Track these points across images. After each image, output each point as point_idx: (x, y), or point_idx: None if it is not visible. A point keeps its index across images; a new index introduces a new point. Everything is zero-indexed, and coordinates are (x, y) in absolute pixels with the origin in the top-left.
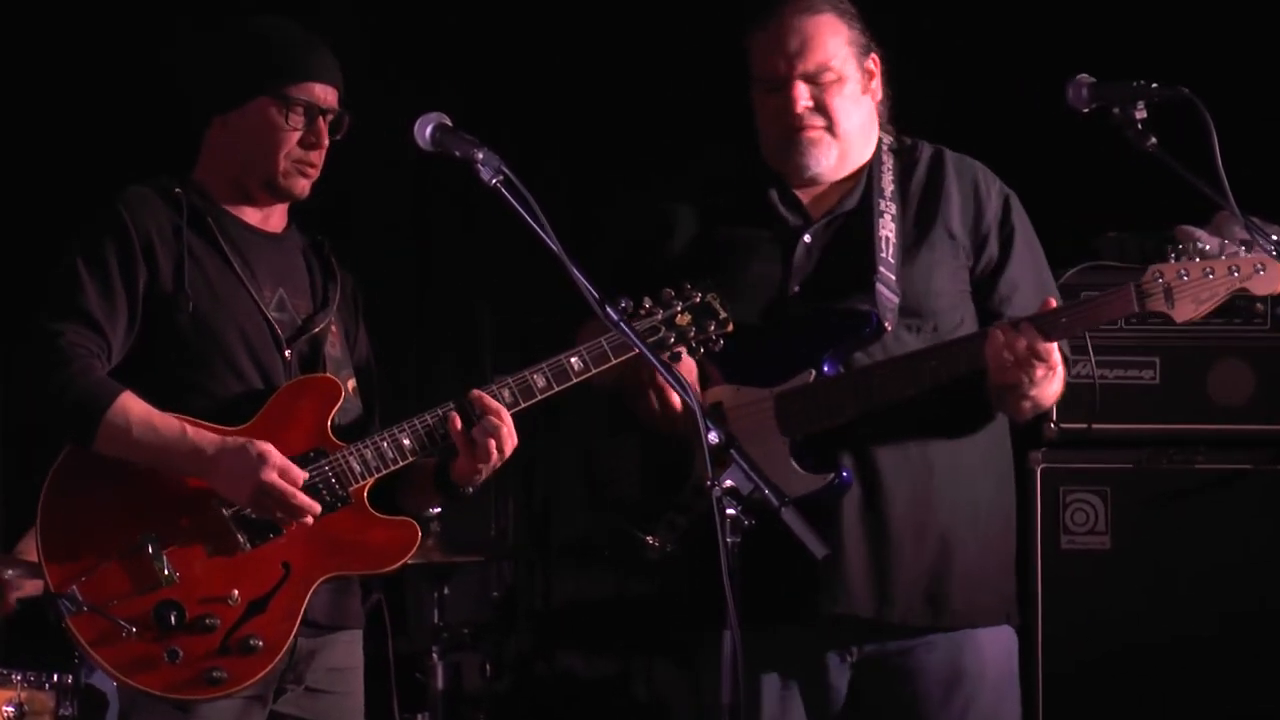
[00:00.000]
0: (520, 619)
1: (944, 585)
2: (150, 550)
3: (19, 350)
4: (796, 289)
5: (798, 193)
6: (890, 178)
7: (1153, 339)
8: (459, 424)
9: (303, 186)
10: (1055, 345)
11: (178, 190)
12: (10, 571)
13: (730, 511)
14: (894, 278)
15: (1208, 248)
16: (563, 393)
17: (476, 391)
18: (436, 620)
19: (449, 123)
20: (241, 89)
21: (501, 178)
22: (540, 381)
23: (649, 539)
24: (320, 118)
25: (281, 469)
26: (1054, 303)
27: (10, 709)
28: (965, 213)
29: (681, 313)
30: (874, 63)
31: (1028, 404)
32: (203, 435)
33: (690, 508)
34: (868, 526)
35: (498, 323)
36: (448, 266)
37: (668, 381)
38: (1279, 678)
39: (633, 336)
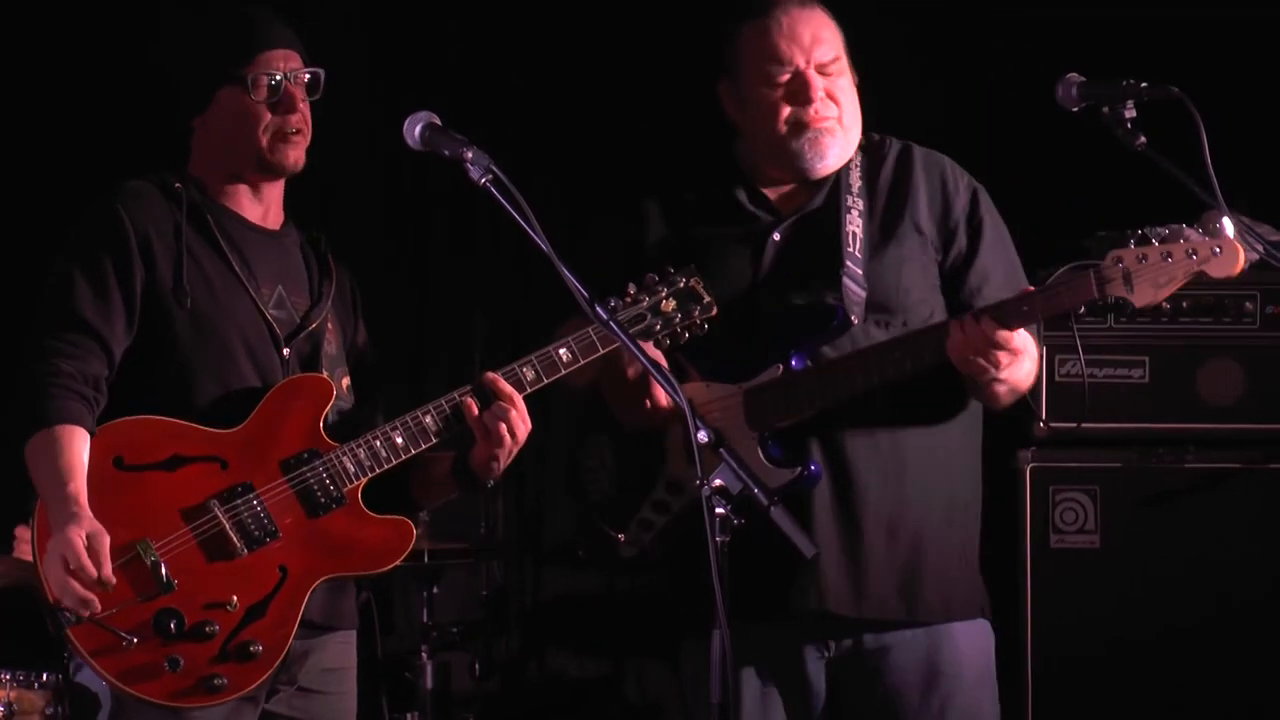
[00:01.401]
0: (510, 618)
1: (918, 578)
2: (148, 558)
3: (19, 358)
4: (766, 286)
5: (766, 191)
6: (858, 174)
7: (1142, 338)
8: (475, 409)
9: (293, 156)
10: (1017, 332)
11: (178, 185)
12: None
13: (719, 510)
14: (861, 272)
15: (1167, 232)
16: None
17: (490, 374)
18: (425, 619)
19: (438, 122)
20: (205, 86)
21: (491, 177)
22: (530, 374)
23: (619, 536)
24: (286, 83)
25: (90, 533)
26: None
27: None
28: (933, 207)
29: (666, 298)
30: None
31: (1001, 389)
32: (70, 508)
33: (665, 506)
34: (840, 521)
35: (490, 331)
36: (442, 275)
37: (657, 379)
38: (1268, 676)
39: (622, 335)
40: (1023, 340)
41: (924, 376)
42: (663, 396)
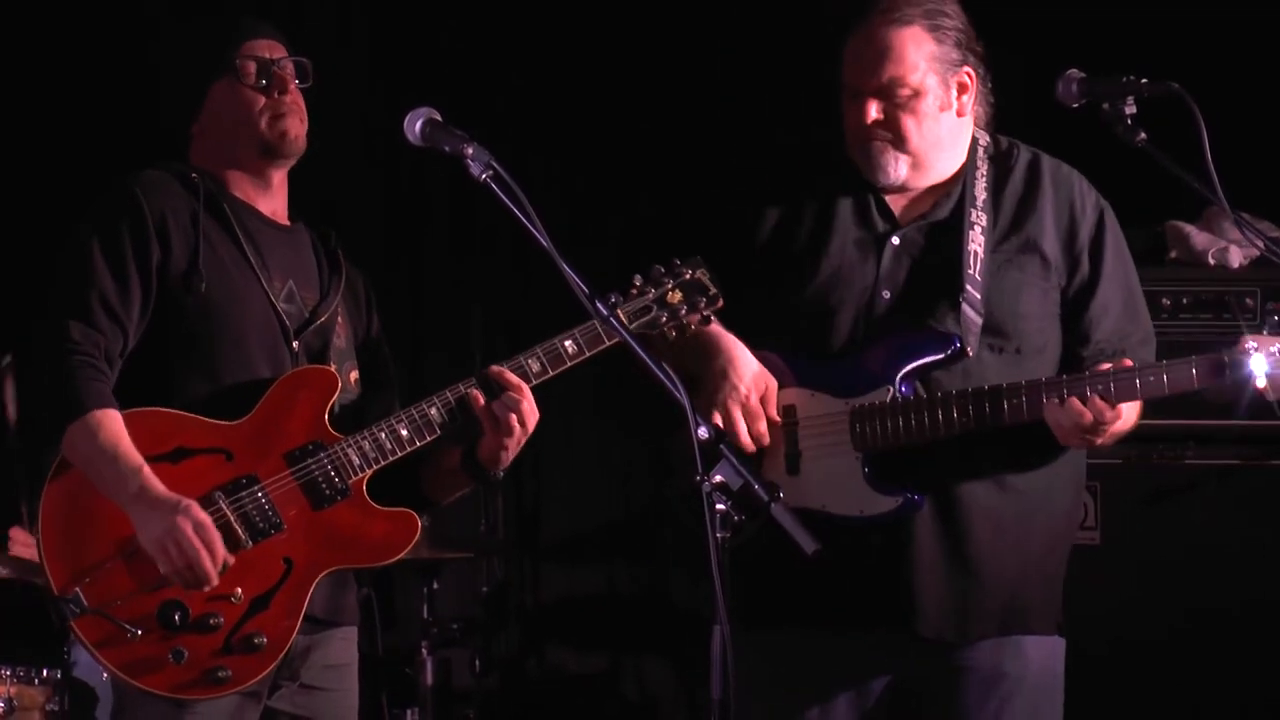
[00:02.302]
0: (510, 615)
1: (1010, 603)
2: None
3: (34, 345)
4: (885, 295)
5: (889, 198)
6: (984, 185)
7: None
8: (481, 400)
9: (294, 131)
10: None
11: (194, 175)
12: None
13: (720, 507)
14: (979, 296)
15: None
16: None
17: (495, 367)
18: (426, 616)
19: (439, 117)
20: (196, 86)
21: (491, 172)
22: (535, 366)
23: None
24: (273, 67)
25: (198, 524)
26: (1128, 361)
27: (0, 704)
28: (1059, 229)
29: (673, 289)
30: (968, 76)
31: (1104, 442)
32: (153, 484)
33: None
34: (945, 549)
35: (489, 325)
36: (440, 269)
37: (656, 373)
38: (1269, 671)
39: (623, 331)
40: (1123, 409)
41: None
42: (764, 434)
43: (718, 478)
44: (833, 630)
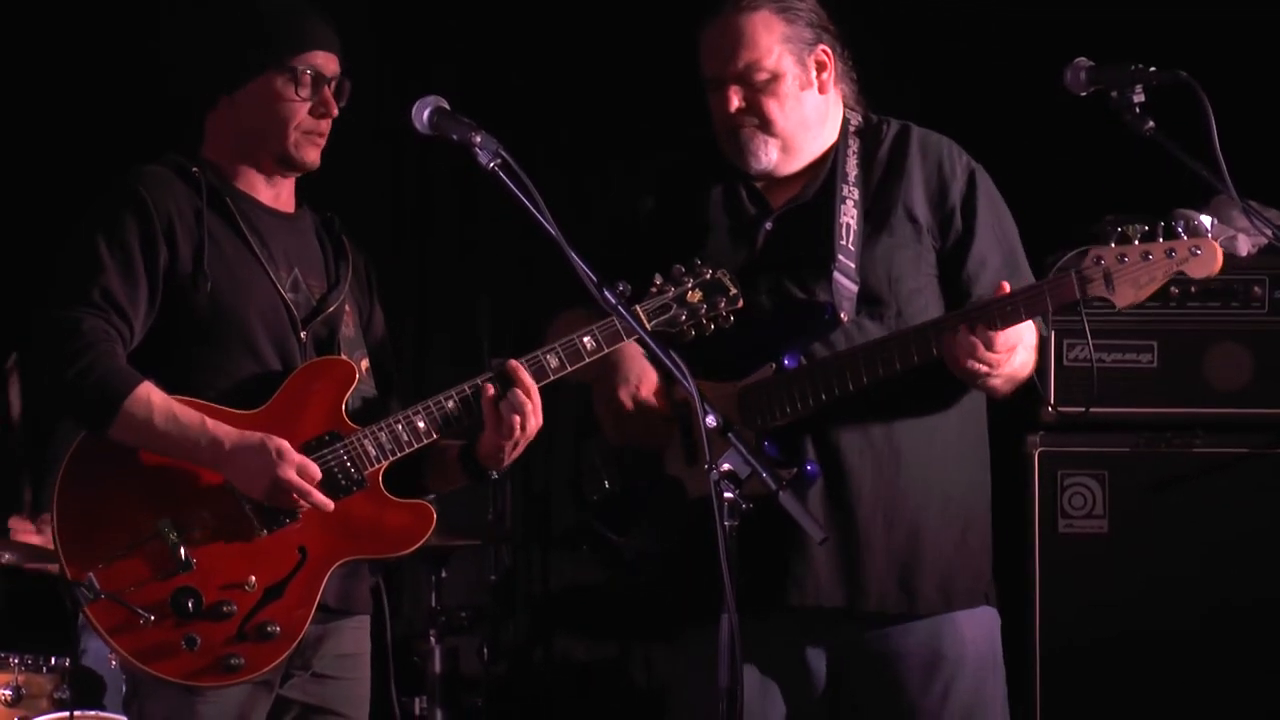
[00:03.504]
0: (518, 603)
1: (917, 571)
2: (167, 537)
3: (37, 335)
4: (758, 280)
5: (759, 184)
6: (854, 160)
7: (1151, 322)
8: (492, 393)
9: (314, 156)
10: (1006, 331)
11: (195, 170)
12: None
13: (728, 495)
14: (853, 265)
15: (1145, 229)
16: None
17: (514, 362)
18: (434, 604)
19: (446, 106)
20: (246, 65)
21: (499, 161)
22: (554, 362)
23: (620, 540)
24: (325, 86)
25: (299, 466)
26: (1007, 287)
27: (8, 692)
28: (928, 192)
29: (693, 289)
30: (824, 53)
31: (997, 382)
32: (221, 428)
33: (664, 505)
34: (835, 516)
35: (496, 316)
36: (448, 258)
37: (668, 366)
38: (1276, 662)
39: (631, 320)
40: (1014, 334)
41: (917, 370)
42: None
43: (726, 466)
44: (750, 614)
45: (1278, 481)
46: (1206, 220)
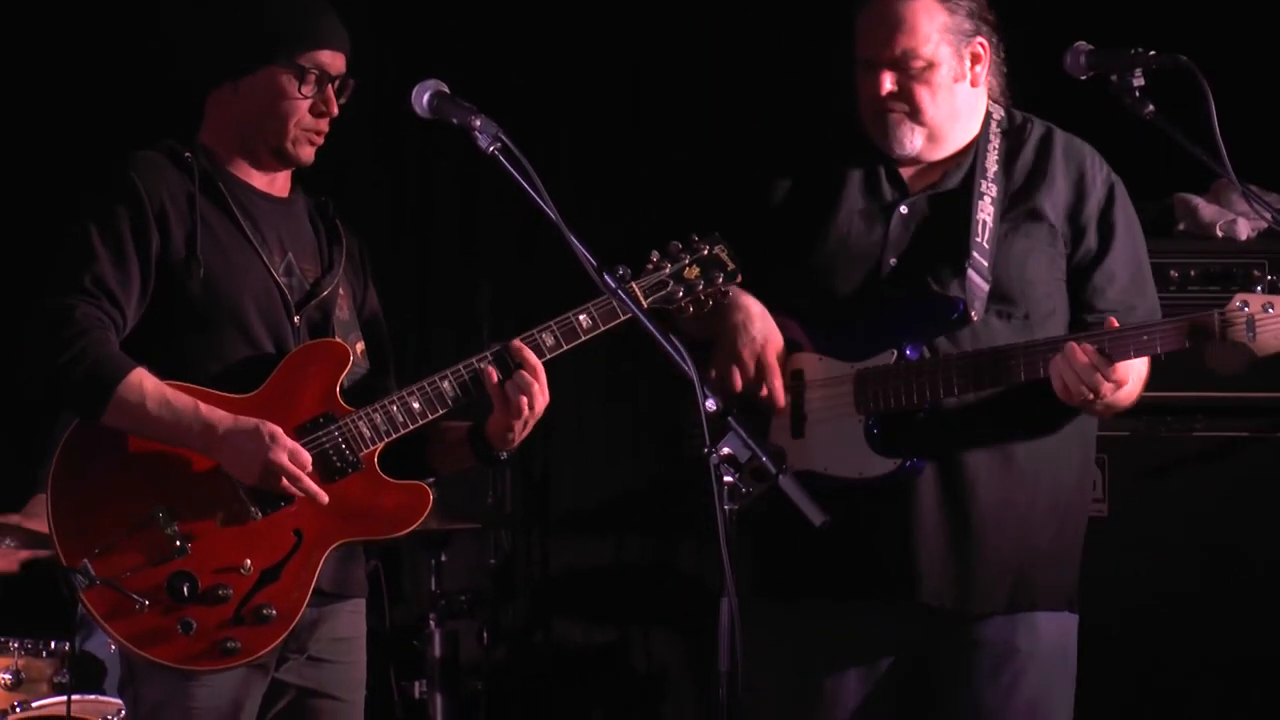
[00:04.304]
0: (518, 587)
1: (1016, 572)
2: (162, 522)
3: (32, 321)
4: (892, 263)
5: (901, 168)
6: (995, 157)
7: None
8: (495, 376)
9: (309, 154)
10: (1122, 363)
11: (188, 155)
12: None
13: (728, 479)
14: (986, 263)
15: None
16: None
17: (517, 342)
18: (434, 588)
19: (446, 90)
20: (253, 55)
21: (499, 145)
22: (549, 340)
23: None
24: (329, 85)
25: (291, 451)
26: (1115, 322)
27: (8, 676)
28: (1067, 199)
29: (690, 265)
30: (981, 47)
31: (1100, 408)
32: (215, 413)
33: (762, 474)
34: (947, 515)
35: (496, 299)
36: (449, 243)
37: (663, 345)
38: (1275, 644)
39: (630, 303)
40: (1127, 368)
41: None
42: (779, 389)
43: (725, 450)
44: (841, 601)
45: (1276, 465)
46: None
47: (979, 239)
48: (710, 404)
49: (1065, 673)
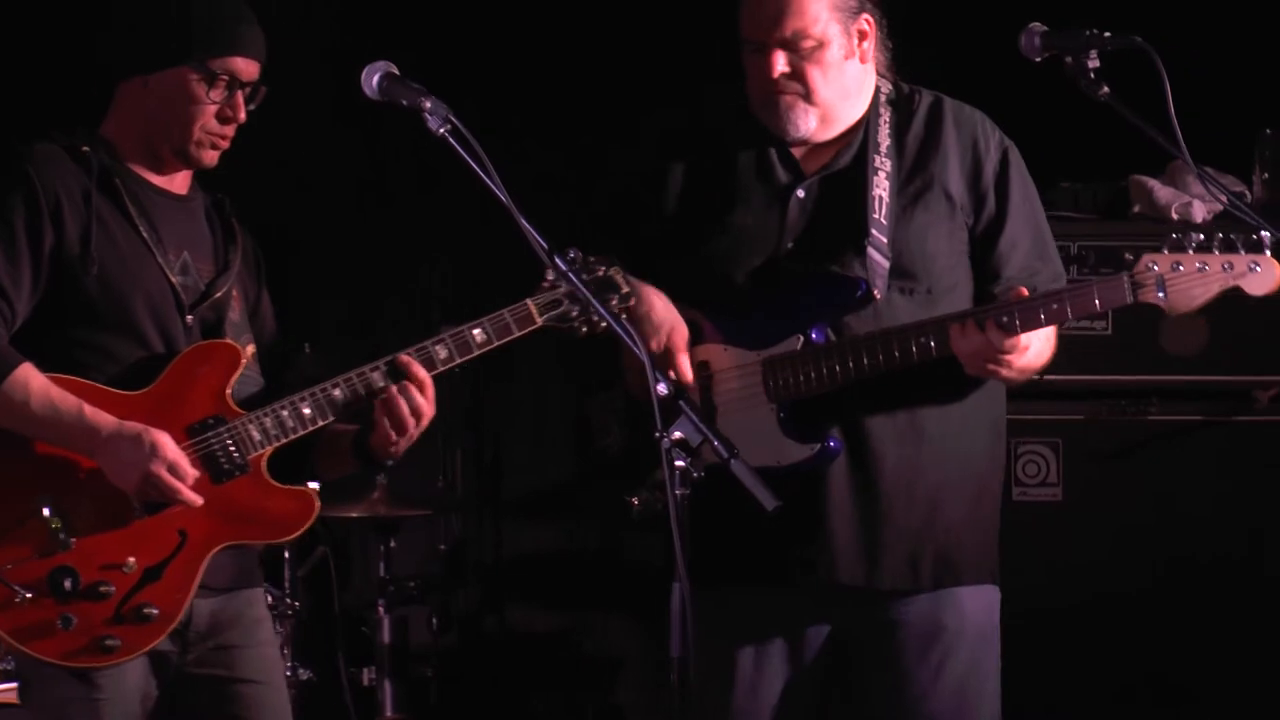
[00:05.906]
0: (469, 573)
1: (930, 547)
2: (46, 515)
3: None
4: (790, 246)
5: (792, 150)
6: (886, 131)
7: None
8: (384, 387)
9: (211, 158)
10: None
11: (85, 149)
12: None
13: (679, 464)
14: (885, 240)
15: (1202, 239)
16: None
17: (404, 356)
18: (383, 574)
19: (396, 71)
20: (165, 53)
21: (449, 127)
22: (442, 353)
23: (633, 501)
24: (239, 91)
25: (171, 463)
26: (1025, 291)
27: None
28: (963, 169)
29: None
30: (867, 23)
31: (1011, 375)
32: (100, 416)
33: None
34: (856, 494)
35: (448, 283)
36: (402, 222)
37: (617, 332)
38: (1231, 628)
39: (581, 287)
40: (1031, 334)
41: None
42: (686, 372)
43: (677, 434)
44: (759, 586)
45: (1232, 449)
46: (1265, 235)
47: (876, 215)
48: (662, 388)
49: (992, 647)
